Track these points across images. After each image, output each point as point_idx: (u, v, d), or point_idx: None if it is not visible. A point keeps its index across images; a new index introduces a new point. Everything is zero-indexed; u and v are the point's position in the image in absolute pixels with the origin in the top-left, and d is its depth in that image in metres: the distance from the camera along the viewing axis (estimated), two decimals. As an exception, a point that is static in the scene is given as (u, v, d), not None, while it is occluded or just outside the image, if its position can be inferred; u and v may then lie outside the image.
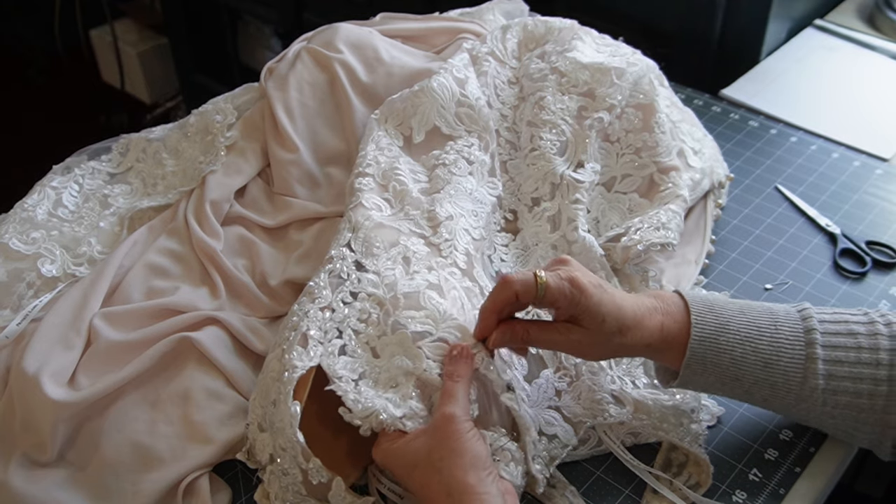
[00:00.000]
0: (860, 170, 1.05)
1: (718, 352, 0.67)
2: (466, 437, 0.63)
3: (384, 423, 0.65)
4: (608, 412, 0.74)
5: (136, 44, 2.37)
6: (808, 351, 0.67)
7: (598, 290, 0.67)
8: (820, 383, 0.66)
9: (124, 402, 0.74)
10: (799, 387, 0.67)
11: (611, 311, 0.66)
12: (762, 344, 0.67)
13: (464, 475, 0.61)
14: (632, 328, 0.67)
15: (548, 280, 0.66)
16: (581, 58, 0.92)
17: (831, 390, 0.67)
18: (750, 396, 0.70)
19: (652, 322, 0.68)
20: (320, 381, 0.67)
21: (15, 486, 0.70)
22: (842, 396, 0.67)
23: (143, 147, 0.96)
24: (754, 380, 0.68)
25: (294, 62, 0.95)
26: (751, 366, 0.67)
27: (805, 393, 0.67)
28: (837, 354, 0.67)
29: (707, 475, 0.71)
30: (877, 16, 1.31)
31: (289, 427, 0.65)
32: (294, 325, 0.71)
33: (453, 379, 0.66)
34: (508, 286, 0.66)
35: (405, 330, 0.69)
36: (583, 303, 0.66)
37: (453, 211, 0.81)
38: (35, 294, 0.82)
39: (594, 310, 0.66)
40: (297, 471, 0.66)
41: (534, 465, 0.68)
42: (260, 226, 0.89)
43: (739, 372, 0.67)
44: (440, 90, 0.88)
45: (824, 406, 0.67)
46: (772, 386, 0.67)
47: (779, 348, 0.67)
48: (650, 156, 0.90)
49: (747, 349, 0.67)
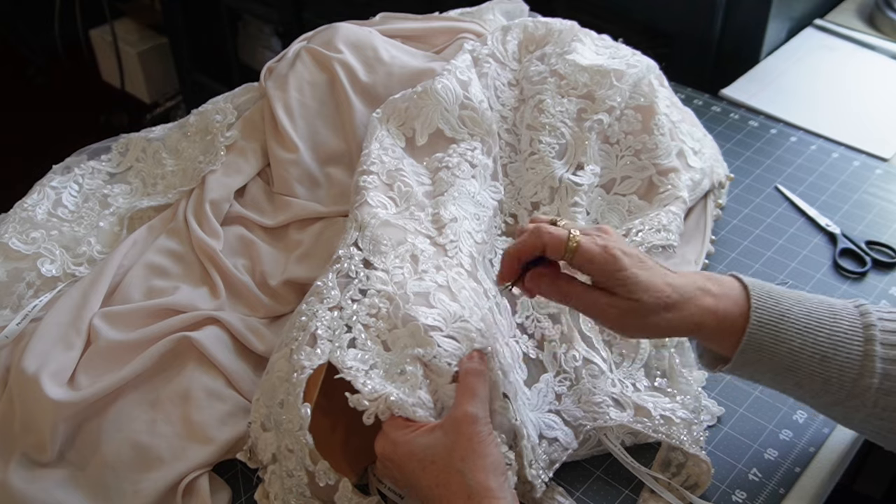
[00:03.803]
0: (860, 170, 1.05)
1: (777, 340, 0.64)
2: (488, 440, 0.62)
3: (394, 405, 0.63)
4: (608, 415, 0.73)
5: (136, 44, 2.37)
6: (867, 348, 0.64)
7: (635, 263, 0.64)
8: (875, 382, 0.63)
9: (124, 401, 0.74)
10: (852, 384, 0.64)
11: (649, 287, 0.64)
12: (821, 336, 0.64)
13: (486, 478, 0.60)
14: (677, 305, 0.64)
15: (580, 241, 0.64)
16: (580, 60, 0.92)
17: (885, 390, 0.63)
18: (798, 389, 0.67)
19: (703, 302, 0.65)
20: (326, 381, 0.67)
21: (15, 486, 0.70)
22: (895, 398, 0.64)
23: (143, 147, 0.96)
24: (809, 372, 0.64)
25: (294, 62, 0.95)
26: (808, 358, 0.64)
27: (858, 391, 0.64)
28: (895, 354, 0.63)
29: (707, 475, 0.71)
30: (877, 16, 1.31)
31: (298, 429, 0.64)
32: (302, 325, 0.70)
33: (477, 375, 0.65)
34: (538, 235, 0.65)
35: (417, 321, 0.68)
36: (615, 274, 0.63)
37: (457, 213, 0.80)
38: (35, 294, 0.82)
39: (629, 283, 0.64)
40: (303, 473, 0.65)
41: (530, 470, 0.67)
42: (260, 225, 0.89)
43: (795, 364, 0.64)
44: (444, 92, 0.87)
45: (875, 407, 0.64)
46: (825, 381, 0.64)
47: (837, 342, 0.64)
48: (649, 158, 0.90)
49: (807, 340, 0.64)
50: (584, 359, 0.76)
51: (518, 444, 0.67)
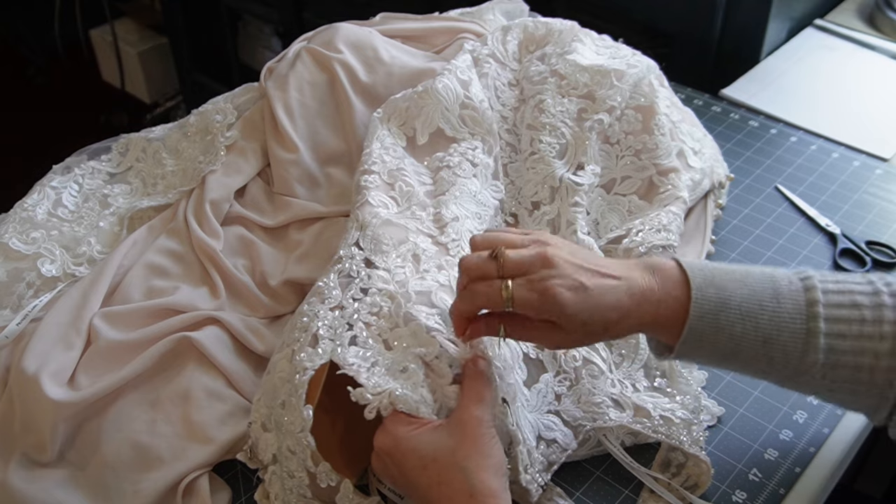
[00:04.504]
0: (860, 170, 1.05)
1: (718, 329, 0.64)
2: (493, 441, 0.62)
3: (398, 400, 0.63)
4: (608, 415, 0.73)
5: (136, 44, 2.37)
6: (811, 325, 0.63)
7: (577, 297, 0.62)
8: (820, 358, 0.63)
9: (124, 401, 0.74)
10: (798, 361, 0.64)
11: (592, 315, 0.63)
12: (763, 320, 0.64)
13: (488, 478, 0.60)
14: (619, 322, 0.64)
15: (514, 293, 0.62)
16: (581, 60, 0.92)
17: (831, 365, 0.64)
18: (746, 370, 0.67)
19: (645, 306, 0.64)
20: (327, 379, 0.67)
21: (15, 486, 0.70)
22: (841, 370, 0.64)
23: (143, 147, 0.96)
24: (752, 355, 0.65)
25: (294, 62, 0.95)
26: (750, 342, 0.64)
27: (804, 367, 0.64)
28: (840, 328, 0.63)
29: (707, 476, 0.71)
30: (877, 16, 1.31)
31: (300, 430, 0.64)
32: (304, 325, 0.70)
33: (485, 382, 0.65)
34: (473, 300, 0.64)
35: (418, 321, 0.68)
36: (558, 312, 0.62)
37: (459, 212, 0.81)
38: (35, 294, 0.82)
39: (573, 318, 0.62)
40: (304, 474, 0.65)
41: (524, 475, 0.67)
42: (260, 226, 0.89)
43: (738, 348, 0.64)
44: (444, 92, 0.87)
45: (823, 380, 0.64)
46: (769, 361, 0.65)
47: (780, 323, 0.64)
48: (650, 158, 0.90)
49: (748, 326, 0.64)
50: (583, 359, 0.76)
51: (513, 449, 0.67)
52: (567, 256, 0.64)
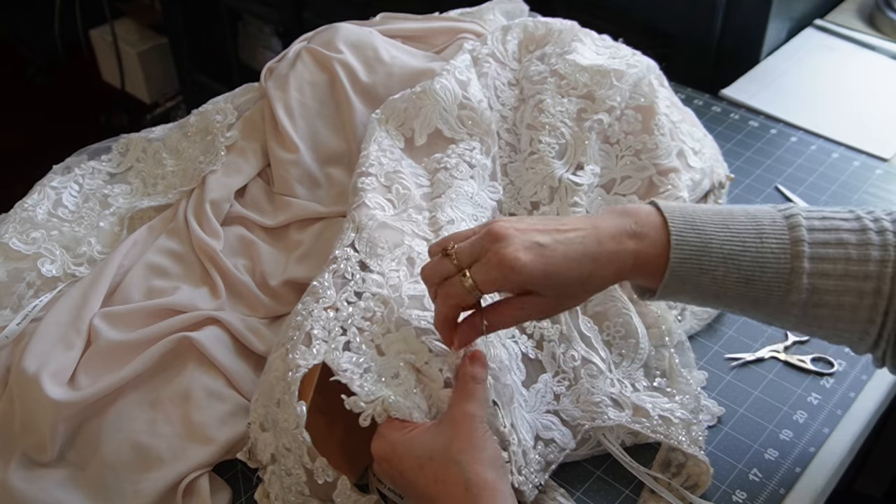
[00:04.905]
0: (860, 170, 1.05)
1: (700, 272, 0.63)
2: (486, 435, 0.63)
3: (391, 407, 0.64)
4: (606, 415, 0.73)
5: (136, 44, 2.37)
6: (794, 264, 0.62)
7: (534, 255, 0.61)
8: (803, 297, 0.63)
9: (124, 401, 0.74)
10: (780, 300, 0.63)
11: (560, 270, 0.61)
12: (745, 260, 0.63)
13: (483, 470, 0.60)
14: (594, 273, 0.62)
15: (474, 277, 0.62)
16: (580, 60, 0.92)
17: (813, 303, 0.63)
18: (728, 309, 0.67)
19: (621, 253, 0.63)
20: (322, 381, 0.67)
21: (15, 486, 0.70)
22: (823, 309, 0.63)
23: (143, 147, 0.96)
24: (735, 296, 0.64)
25: (294, 62, 0.95)
26: (733, 283, 0.63)
27: (786, 306, 0.64)
28: (825, 267, 0.62)
29: (707, 476, 0.71)
30: (877, 16, 1.31)
31: (294, 427, 0.65)
32: (298, 324, 0.70)
33: (477, 381, 0.65)
34: (445, 303, 0.64)
35: (409, 326, 0.69)
36: (524, 277, 0.61)
37: (454, 215, 0.81)
38: (35, 294, 0.82)
39: (541, 278, 0.61)
40: (301, 471, 0.66)
41: (517, 476, 0.67)
42: (260, 226, 0.90)
43: (721, 289, 0.64)
44: (442, 92, 0.88)
45: (805, 317, 0.64)
46: (752, 301, 0.64)
47: (763, 263, 0.63)
48: (650, 158, 0.90)
49: (730, 267, 0.63)
50: (582, 358, 0.76)
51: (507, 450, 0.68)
52: (516, 224, 0.63)
